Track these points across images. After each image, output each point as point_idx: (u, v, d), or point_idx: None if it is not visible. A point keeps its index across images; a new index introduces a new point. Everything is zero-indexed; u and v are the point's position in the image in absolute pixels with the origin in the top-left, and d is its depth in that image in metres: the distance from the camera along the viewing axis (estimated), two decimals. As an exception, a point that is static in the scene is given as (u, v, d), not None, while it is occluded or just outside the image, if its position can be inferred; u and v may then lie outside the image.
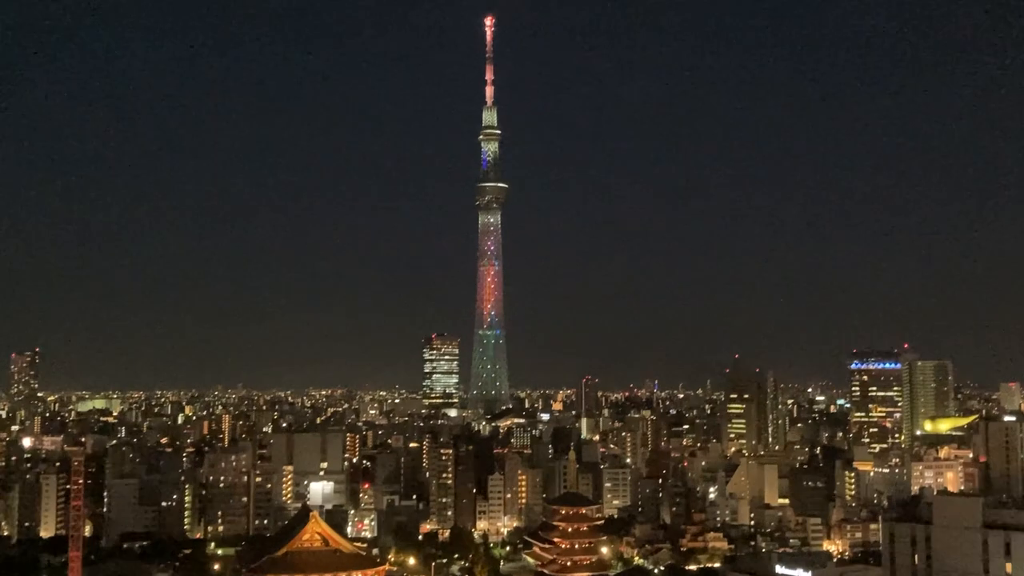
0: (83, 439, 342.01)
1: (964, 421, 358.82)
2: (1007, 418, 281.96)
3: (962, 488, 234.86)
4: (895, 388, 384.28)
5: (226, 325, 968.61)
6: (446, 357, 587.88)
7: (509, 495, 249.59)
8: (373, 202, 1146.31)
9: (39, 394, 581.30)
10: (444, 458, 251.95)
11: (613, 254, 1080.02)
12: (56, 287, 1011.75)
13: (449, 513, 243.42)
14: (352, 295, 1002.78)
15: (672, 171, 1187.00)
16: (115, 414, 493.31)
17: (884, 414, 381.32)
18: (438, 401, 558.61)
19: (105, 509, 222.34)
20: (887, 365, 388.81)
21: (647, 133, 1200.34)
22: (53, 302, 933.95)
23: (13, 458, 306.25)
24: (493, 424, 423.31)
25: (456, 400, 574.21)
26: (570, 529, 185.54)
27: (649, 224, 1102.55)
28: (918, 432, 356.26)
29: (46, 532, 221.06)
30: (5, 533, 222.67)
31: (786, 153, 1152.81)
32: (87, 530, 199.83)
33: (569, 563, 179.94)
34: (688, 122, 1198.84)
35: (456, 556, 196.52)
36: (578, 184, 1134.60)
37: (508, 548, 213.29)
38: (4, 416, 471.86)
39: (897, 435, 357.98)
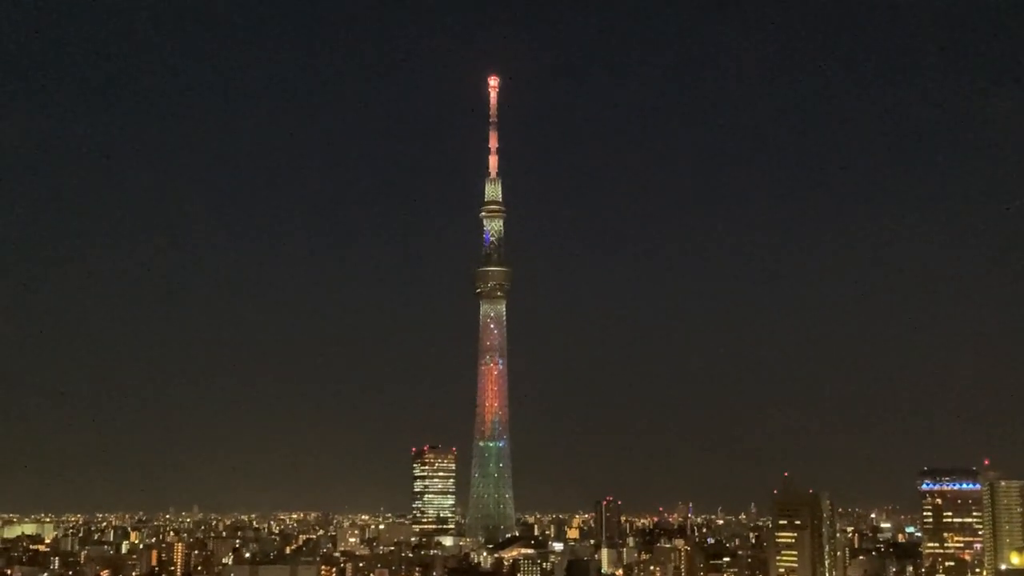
0: (8, 572, 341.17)
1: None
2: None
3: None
4: (975, 513, 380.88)
5: (179, 437, 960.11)
6: (440, 474, 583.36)
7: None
8: (354, 288, 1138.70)
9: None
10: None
11: (639, 352, 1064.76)
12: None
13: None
14: (328, 401, 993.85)
15: (706, 252, 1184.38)
16: (47, 541, 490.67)
17: (962, 544, 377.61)
18: (430, 527, 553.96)
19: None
20: (965, 486, 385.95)
21: (678, 207, 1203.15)
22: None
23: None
24: (496, 555, 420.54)
25: (452, 526, 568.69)
26: None
27: (681, 318, 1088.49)
28: (1003, 566, 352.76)
29: None
30: None
31: (837, 225, 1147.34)
32: None
33: None
34: (722, 194, 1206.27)
35: None
36: (599, 269, 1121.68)
37: None
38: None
39: (978, 570, 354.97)
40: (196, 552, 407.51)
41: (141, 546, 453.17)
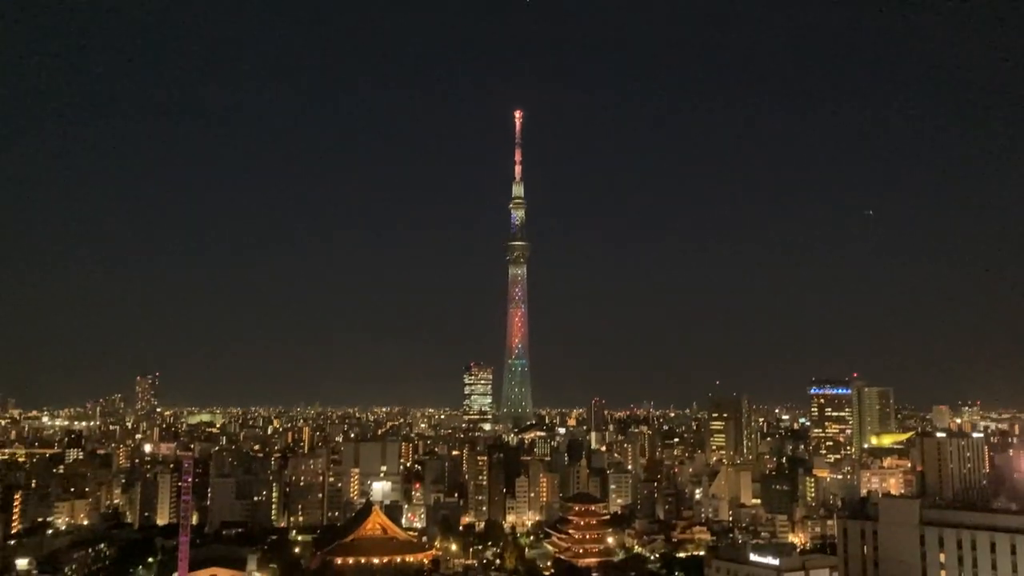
0: (192, 446, 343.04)
1: (903, 437, 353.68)
2: (939, 435, 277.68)
3: (902, 492, 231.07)
4: (847, 409, 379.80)
5: (308, 353, 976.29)
6: (482, 381, 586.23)
7: (532, 494, 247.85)
8: (427, 256, 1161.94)
9: (158, 409, 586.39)
10: (480, 464, 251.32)
11: (618, 300, 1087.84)
12: (171, 321, 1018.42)
13: (484, 508, 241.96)
14: (408, 330, 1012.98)
15: (662, 233, 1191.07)
16: (218, 426, 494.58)
17: (838, 431, 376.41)
18: (475, 417, 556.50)
19: (208, 503, 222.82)
20: (840, 391, 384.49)
21: (646, 204, 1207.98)
22: (169, 333, 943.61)
23: (136, 461, 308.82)
24: (519, 436, 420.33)
25: (490, 416, 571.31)
26: (582, 522, 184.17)
27: (646, 277, 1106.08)
28: (865, 445, 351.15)
29: (161, 520, 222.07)
30: (129, 520, 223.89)
31: (770, 214, 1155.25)
32: (194, 519, 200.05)
33: (582, 550, 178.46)
34: (674, 201, 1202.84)
35: (489, 543, 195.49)
36: (590, 244, 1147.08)
37: (532, 537, 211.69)
38: (130, 427, 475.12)
39: (848, 448, 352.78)
40: (318, 433, 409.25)
41: (281, 429, 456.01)
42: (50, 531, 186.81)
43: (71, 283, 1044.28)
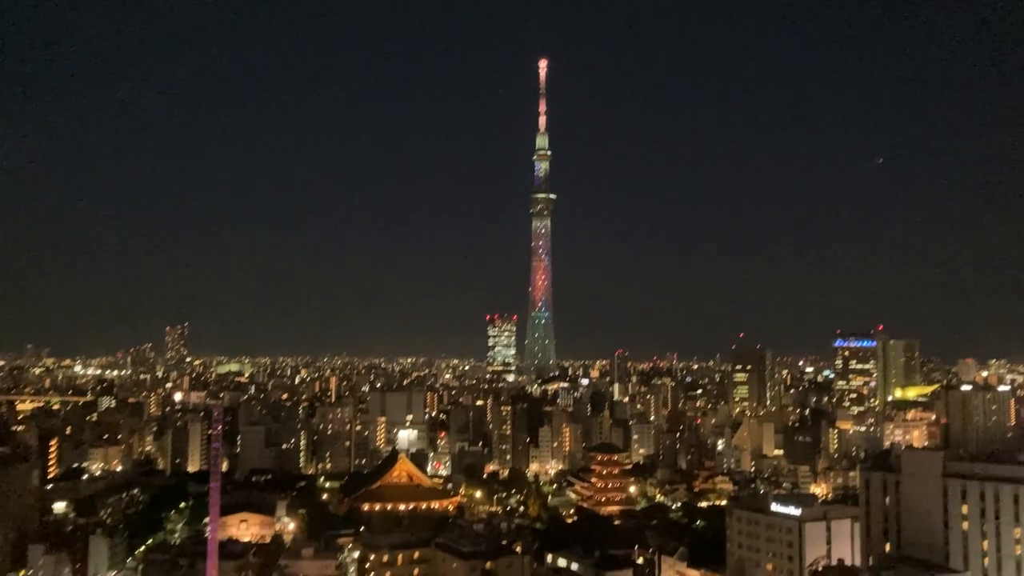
0: (221, 395, 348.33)
1: (928, 389, 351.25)
2: (964, 388, 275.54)
3: (926, 444, 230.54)
4: (871, 362, 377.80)
5: (335, 305, 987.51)
6: (506, 333, 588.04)
7: (556, 444, 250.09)
8: (450, 210, 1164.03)
9: (187, 359, 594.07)
10: (504, 414, 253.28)
11: (642, 252, 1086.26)
12: (201, 274, 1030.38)
13: (508, 457, 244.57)
14: (433, 283, 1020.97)
15: (687, 191, 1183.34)
16: (246, 375, 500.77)
17: (862, 383, 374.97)
18: (499, 368, 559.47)
19: (238, 450, 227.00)
20: (865, 343, 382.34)
21: (669, 159, 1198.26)
22: (198, 285, 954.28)
23: (167, 409, 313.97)
24: (543, 387, 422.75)
25: (513, 368, 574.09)
26: (604, 472, 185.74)
27: (671, 230, 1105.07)
28: (889, 398, 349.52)
29: (192, 467, 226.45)
30: (160, 467, 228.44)
31: (797, 176, 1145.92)
32: (224, 466, 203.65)
33: (604, 499, 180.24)
34: (691, 154, 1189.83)
35: (513, 491, 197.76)
36: (615, 197, 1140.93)
37: (555, 486, 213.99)
38: (160, 376, 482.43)
39: (872, 400, 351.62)
40: (344, 383, 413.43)
41: (308, 379, 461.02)
42: (85, 476, 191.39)
43: (104, 235, 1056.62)
